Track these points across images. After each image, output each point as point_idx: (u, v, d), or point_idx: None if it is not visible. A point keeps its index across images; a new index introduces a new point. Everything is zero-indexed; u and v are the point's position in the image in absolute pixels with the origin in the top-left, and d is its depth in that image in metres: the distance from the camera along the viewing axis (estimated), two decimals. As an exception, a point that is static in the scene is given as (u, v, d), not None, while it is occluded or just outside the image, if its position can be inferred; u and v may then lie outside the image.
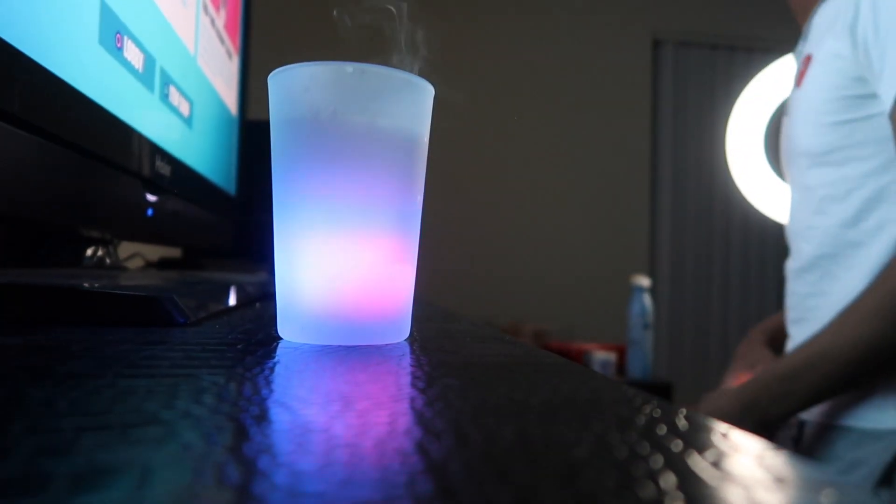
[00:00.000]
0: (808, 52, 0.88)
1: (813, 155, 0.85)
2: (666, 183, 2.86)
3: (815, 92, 0.84)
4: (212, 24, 0.81)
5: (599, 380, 0.24)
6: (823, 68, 0.83)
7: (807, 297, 0.87)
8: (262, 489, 0.11)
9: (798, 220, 0.90)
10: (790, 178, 0.94)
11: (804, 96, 0.87)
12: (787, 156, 0.93)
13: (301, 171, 0.32)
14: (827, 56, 0.82)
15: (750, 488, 0.13)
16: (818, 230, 0.84)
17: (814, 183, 0.85)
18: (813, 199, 0.85)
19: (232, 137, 0.98)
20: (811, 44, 0.88)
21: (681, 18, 2.87)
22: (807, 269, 0.87)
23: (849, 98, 0.80)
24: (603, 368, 1.82)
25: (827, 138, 0.82)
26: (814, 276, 0.85)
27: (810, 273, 0.86)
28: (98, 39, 0.46)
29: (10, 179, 0.36)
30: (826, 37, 0.83)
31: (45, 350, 0.26)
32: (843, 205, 0.81)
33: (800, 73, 0.90)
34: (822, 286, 0.84)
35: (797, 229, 0.90)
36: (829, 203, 0.83)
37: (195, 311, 0.38)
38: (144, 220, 0.58)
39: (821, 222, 0.84)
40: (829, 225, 0.83)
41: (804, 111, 0.86)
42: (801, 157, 0.87)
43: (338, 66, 0.31)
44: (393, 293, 0.33)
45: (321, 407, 0.18)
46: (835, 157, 0.82)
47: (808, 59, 0.87)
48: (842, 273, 0.82)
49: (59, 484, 0.11)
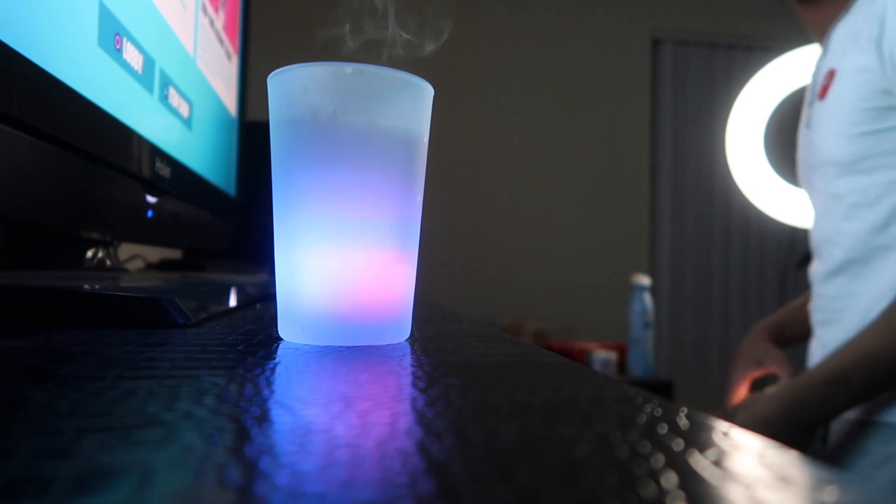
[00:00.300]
0: (830, 66, 0.91)
1: (841, 164, 0.87)
2: (666, 181, 2.86)
3: (841, 104, 0.86)
4: (211, 26, 0.81)
5: (600, 379, 0.24)
6: (849, 82, 0.85)
7: (835, 300, 0.89)
8: (263, 490, 0.11)
9: (825, 226, 0.92)
10: (813, 187, 0.96)
11: (829, 108, 0.89)
12: (809, 166, 0.96)
13: (301, 172, 0.32)
14: (852, 70, 0.85)
15: (751, 487, 0.13)
16: (847, 235, 0.87)
17: (842, 191, 0.88)
18: (841, 206, 0.88)
19: (232, 139, 0.98)
20: (833, 58, 0.91)
21: (680, 17, 2.87)
22: (836, 273, 0.89)
23: (876, 110, 0.82)
24: (604, 368, 1.82)
25: (855, 147, 0.85)
26: (843, 279, 0.88)
27: (840, 276, 0.89)
28: (97, 41, 0.46)
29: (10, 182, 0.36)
30: (850, 51, 0.86)
31: (46, 352, 0.26)
32: (873, 211, 0.84)
33: (822, 87, 0.92)
34: (851, 288, 0.87)
35: (825, 235, 0.92)
36: (859, 209, 0.86)
37: (196, 313, 0.38)
38: (145, 222, 0.58)
39: (850, 228, 0.87)
40: (858, 230, 0.86)
41: (830, 123, 0.89)
42: (829, 166, 0.90)
43: (337, 66, 0.31)
44: (393, 293, 0.33)
45: (322, 408, 0.18)
46: (864, 166, 0.85)
47: (832, 73, 0.90)
48: (871, 276, 0.84)
49: (61, 486, 0.11)
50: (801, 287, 1.21)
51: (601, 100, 2.79)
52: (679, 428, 0.17)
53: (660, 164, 2.87)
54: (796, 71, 2.46)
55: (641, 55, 2.86)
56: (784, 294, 2.72)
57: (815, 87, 0.95)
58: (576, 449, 0.15)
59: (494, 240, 2.65)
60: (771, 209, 2.62)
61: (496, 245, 2.65)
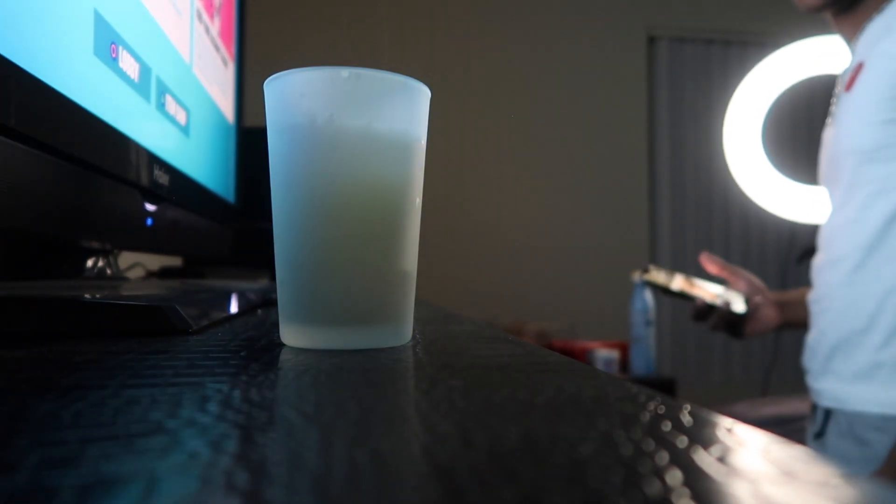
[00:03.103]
0: (858, 60, 0.92)
1: (862, 152, 0.88)
2: (664, 179, 2.86)
3: (867, 93, 0.88)
4: (206, 32, 0.81)
5: (603, 378, 0.24)
6: (876, 71, 0.87)
7: (838, 287, 0.90)
8: (268, 496, 0.11)
9: (840, 216, 0.93)
10: (834, 181, 0.97)
11: (854, 98, 0.90)
12: (832, 160, 0.97)
13: (299, 177, 0.32)
14: (881, 57, 0.86)
15: (756, 483, 0.13)
16: (860, 223, 0.88)
17: (861, 180, 0.89)
18: (860, 195, 0.89)
19: (229, 145, 0.98)
20: (861, 53, 0.92)
21: (675, 14, 2.87)
22: (841, 260, 0.90)
23: None
24: (606, 366, 1.82)
25: (876, 135, 0.86)
26: (847, 266, 0.89)
27: (844, 263, 0.90)
28: (93, 50, 0.46)
29: (8, 192, 0.36)
30: (881, 41, 0.87)
31: (49, 362, 0.26)
32: (888, 199, 0.85)
33: (850, 79, 0.93)
34: (854, 276, 0.88)
35: (837, 224, 0.93)
36: (875, 198, 0.87)
37: (198, 320, 0.38)
38: (144, 230, 0.58)
39: (864, 216, 0.88)
40: (871, 217, 0.87)
41: (853, 112, 0.90)
42: (849, 155, 0.91)
43: (333, 70, 0.31)
44: (394, 296, 0.33)
45: (325, 412, 0.18)
46: (883, 154, 0.86)
47: (860, 65, 0.91)
48: (880, 266, 0.86)
49: (66, 496, 0.11)
50: (801, 282, 1.22)
51: (598, 98, 2.79)
52: (683, 425, 0.17)
53: (658, 162, 2.87)
54: (792, 66, 2.46)
55: (637, 52, 2.86)
56: (785, 289, 2.72)
57: (843, 81, 0.96)
58: (580, 448, 0.15)
59: (494, 241, 2.65)
60: (770, 205, 2.62)
61: (495, 246, 2.65)
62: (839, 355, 0.89)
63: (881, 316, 0.84)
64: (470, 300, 2.48)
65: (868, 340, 0.85)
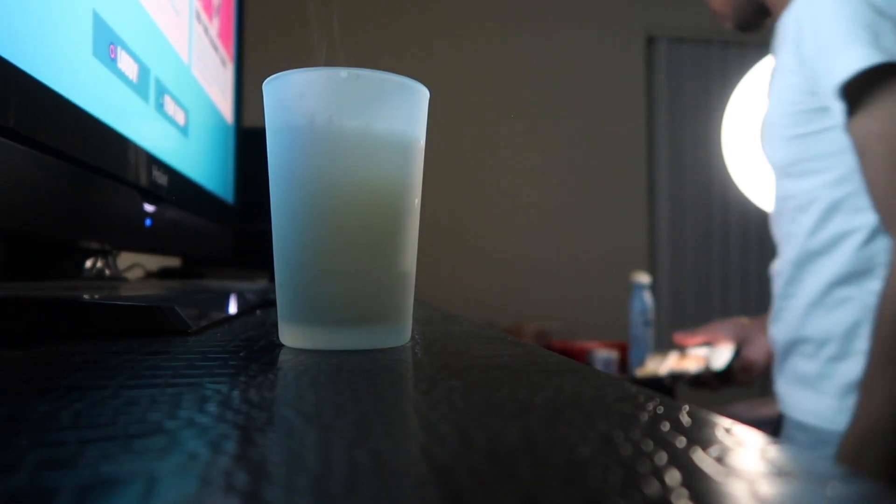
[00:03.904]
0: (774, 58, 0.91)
1: (779, 167, 0.89)
2: (663, 179, 2.86)
3: (776, 106, 0.87)
4: (205, 33, 0.81)
5: (602, 378, 0.24)
6: (781, 84, 0.86)
7: (780, 299, 0.92)
8: (267, 497, 0.11)
9: (778, 226, 0.94)
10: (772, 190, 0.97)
11: (769, 110, 0.90)
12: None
13: (298, 177, 0.32)
14: (783, 70, 0.85)
15: (754, 483, 0.13)
16: (791, 237, 0.89)
17: (784, 194, 0.90)
18: (787, 208, 0.89)
19: (228, 146, 0.98)
20: (775, 51, 0.91)
21: (674, 15, 2.87)
22: (780, 273, 0.92)
23: (805, 112, 0.82)
24: (605, 366, 1.82)
25: (789, 151, 0.86)
26: (784, 279, 0.90)
27: (782, 277, 0.91)
28: (92, 51, 0.46)
29: (7, 193, 0.36)
30: (780, 49, 0.86)
31: (48, 363, 0.26)
32: (806, 215, 0.85)
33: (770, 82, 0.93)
34: (789, 290, 0.89)
35: (778, 235, 0.94)
36: (797, 213, 0.87)
37: (197, 320, 0.38)
38: (143, 231, 0.58)
39: (793, 230, 0.88)
40: (797, 233, 0.87)
41: (769, 125, 0.90)
42: (773, 169, 0.92)
43: (332, 71, 0.31)
44: (393, 297, 0.33)
45: (325, 413, 0.18)
46: (796, 169, 0.86)
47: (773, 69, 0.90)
48: (805, 279, 0.86)
49: (65, 497, 0.11)
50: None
51: (597, 99, 2.79)
52: (682, 425, 0.17)
53: (657, 162, 2.87)
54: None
55: (636, 53, 2.86)
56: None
57: None
58: (579, 448, 0.15)
59: (493, 241, 2.65)
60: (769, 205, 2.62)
61: (495, 246, 2.65)
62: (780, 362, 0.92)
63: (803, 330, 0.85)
64: (469, 300, 2.48)
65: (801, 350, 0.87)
